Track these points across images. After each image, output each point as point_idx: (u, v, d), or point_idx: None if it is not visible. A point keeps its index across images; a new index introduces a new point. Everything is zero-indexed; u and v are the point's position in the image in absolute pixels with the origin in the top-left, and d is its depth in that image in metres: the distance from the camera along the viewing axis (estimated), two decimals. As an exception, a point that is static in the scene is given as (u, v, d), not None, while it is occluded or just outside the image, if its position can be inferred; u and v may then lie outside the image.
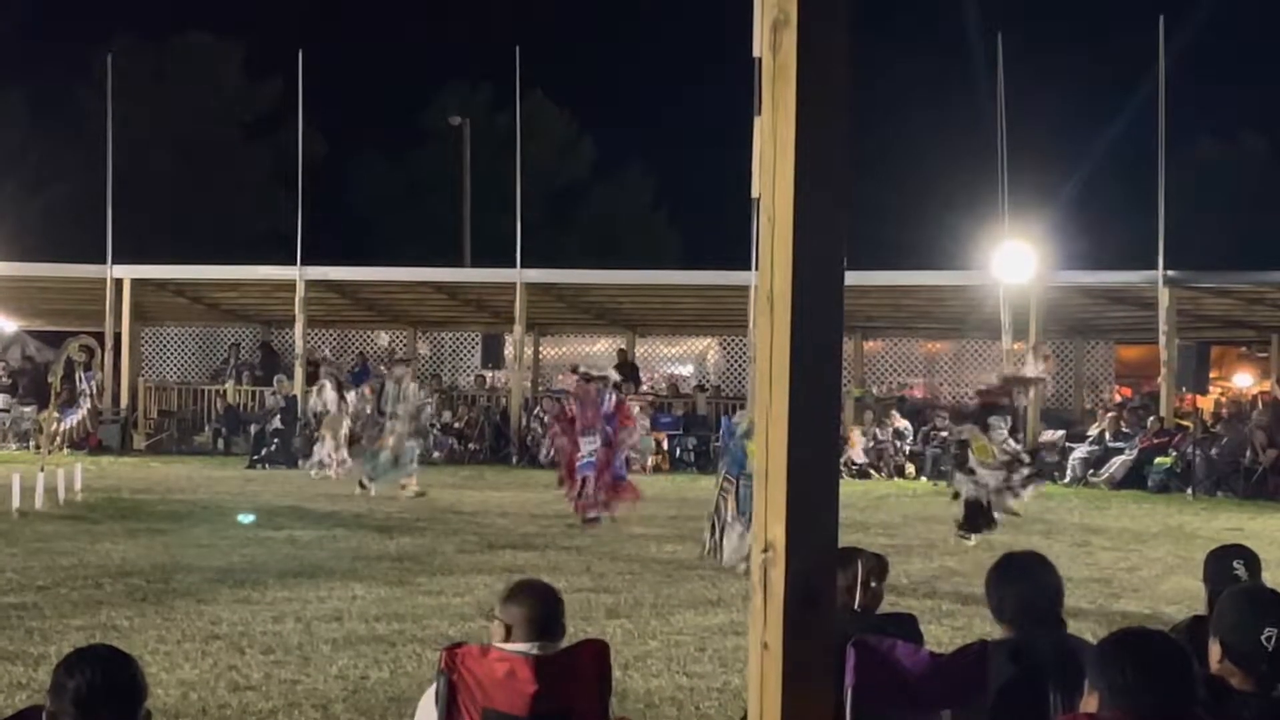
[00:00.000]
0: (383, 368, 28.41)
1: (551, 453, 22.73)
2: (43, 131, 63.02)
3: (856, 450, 33.13)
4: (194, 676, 11.14)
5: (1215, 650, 5.55)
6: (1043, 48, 57.40)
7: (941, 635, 12.58)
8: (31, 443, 34.63)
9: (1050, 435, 34.13)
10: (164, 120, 62.51)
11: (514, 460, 34.80)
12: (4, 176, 55.81)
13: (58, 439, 24.17)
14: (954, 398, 39.77)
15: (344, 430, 29.24)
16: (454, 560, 18.10)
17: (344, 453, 29.15)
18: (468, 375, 42.92)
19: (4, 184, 54.93)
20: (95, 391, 35.14)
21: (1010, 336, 34.42)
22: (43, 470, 22.90)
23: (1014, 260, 33.53)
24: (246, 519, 19.46)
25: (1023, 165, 37.09)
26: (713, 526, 18.44)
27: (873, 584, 7.46)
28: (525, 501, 21.91)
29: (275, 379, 38.15)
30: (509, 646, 6.26)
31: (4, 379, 38.34)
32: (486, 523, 22.03)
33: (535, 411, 36.13)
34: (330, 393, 29.82)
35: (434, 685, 6.30)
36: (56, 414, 25.23)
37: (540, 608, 6.44)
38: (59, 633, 12.56)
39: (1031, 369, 21.79)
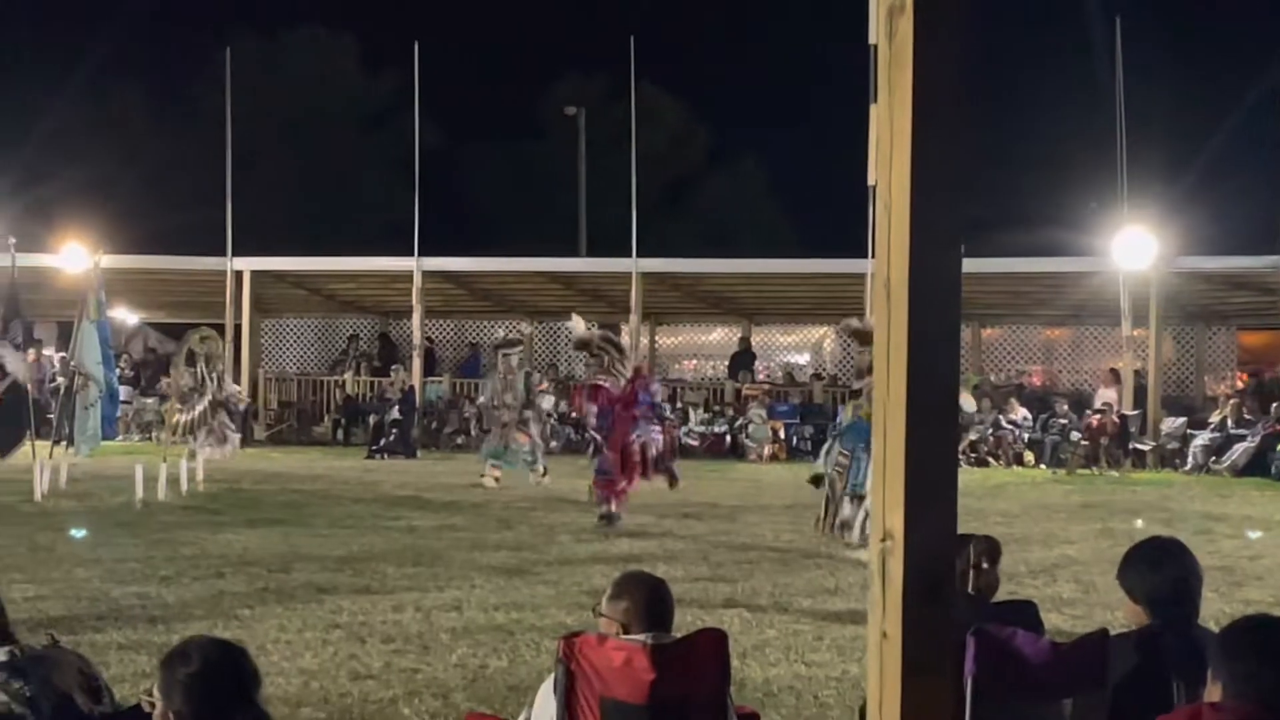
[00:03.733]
0: (500, 353, 28.41)
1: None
2: (162, 126, 63.73)
3: (967, 400, 32.32)
4: (315, 665, 11.22)
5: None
6: (1165, 28, 56.88)
7: (1061, 624, 12.47)
8: (154, 434, 34.99)
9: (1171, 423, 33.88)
10: (282, 114, 63.03)
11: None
12: (124, 170, 56.42)
13: (180, 430, 24.41)
14: (1073, 385, 39.50)
15: None
16: (571, 549, 18.16)
17: None
18: (584, 365, 43.03)
19: (124, 178, 55.53)
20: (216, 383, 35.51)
21: (1130, 323, 34.11)
22: (165, 461, 23.18)
23: (1134, 246, 33.21)
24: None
25: (1143, 149, 36.78)
26: (827, 501, 18.45)
27: (985, 565, 7.40)
28: (641, 491, 21.88)
29: (392, 369, 38.37)
30: (625, 636, 6.26)
31: (127, 371, 38.76)
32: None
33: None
34: None
35: (553, 674, 6.32)
36: (179, 405, 25.47)
37: (648, 597, 6.43)
38: (181, 622, 12.67)
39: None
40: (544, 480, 26.28)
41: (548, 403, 29.66)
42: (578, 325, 22.94)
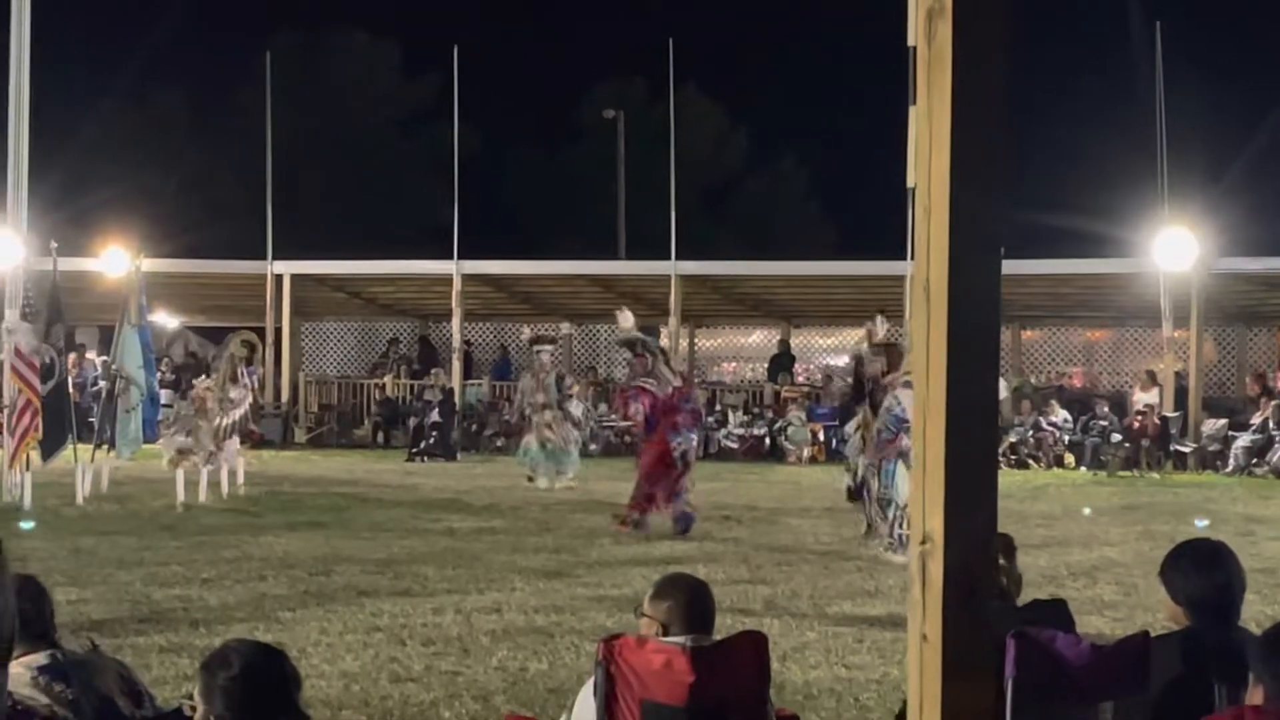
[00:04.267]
0: (533, 349, 28.45)
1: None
2: (203, 129, 63.94)
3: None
4: (356, 668, 11.24)
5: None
6: (1206, 27, 56.70)
7: (1103, 627, 12.45)
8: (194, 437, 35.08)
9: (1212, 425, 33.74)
10: (321, 117, 63.19)
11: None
12: (166, 174, 56.62)
13: (221, 433, 24.47)
14: (1113, 387, 39.37)
15: None
16: (611, 552, 18.16)
17: None
18: (623, 368, 43.01)
19: (166, 182, 55.73)
20: (257, 386, 35.63)
21: (1171, 324, 33.98)
22: (206, 465, 23.25)
23: (1175, 247, 33.10)
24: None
25: (1184, 150, 36.63)
26: (865, 503, 18.41)
27: (1002, 562, 7.36)
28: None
29: (431, 372, 38.45)
30: (665, 639, 6.26)
31: (168, 375, 38.92)
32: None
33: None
34: None
35: (593, 677, 6.32)
36: (221, 409, 25.55)
37: (690, 599, 6.44)
38: (223, 625, 12.72)
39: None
40: (571, 483, 26.31)
41: (577, 408, 29.43)
42: (627, 319, 22.69)
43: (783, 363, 41.09)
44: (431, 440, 33.97)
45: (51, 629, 6.27)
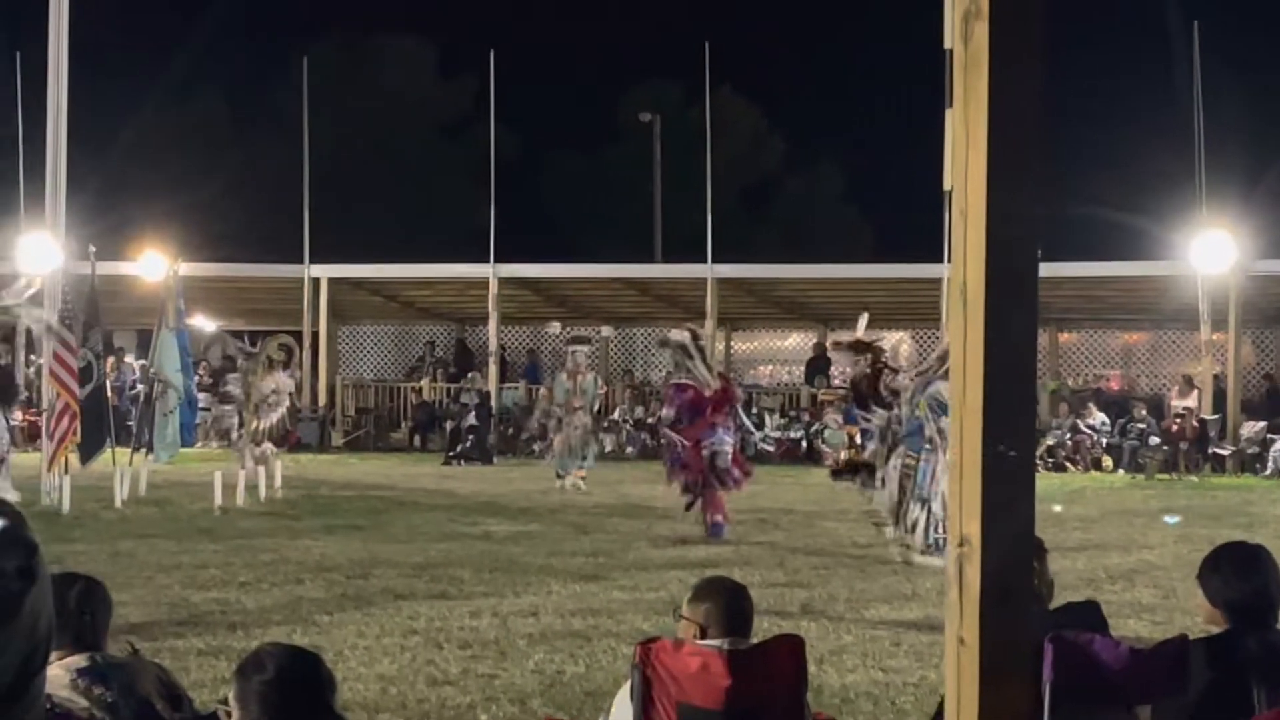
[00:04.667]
0: (569, 350, 28.44)
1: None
2: (241, 134, 64.12)
3: None
4: (393, 671, 11.26)
5: None
6: (1244, 29, 56.43)
7: (1141, 630, 12.40)
8: (232, 440, 35.15)
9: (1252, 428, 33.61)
10: (359, 121, 63.33)
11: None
12: (204, 178, 56.73)
13: (259, 436, 24.54)
14: (1151, 389, 39.21)
15: None
16: (648, 555, 18.15)
17: None
18: (660, 371, 42.99)
19: (204, 186, 55.83)
20: (294, 390, 35.68)
21: (1209, 327, 33.85)
22: (243, 468, 23.31)
23: (1213, 249, 32.96)
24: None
25: (1222, 151, 36.50)
26: (898, 505, 18.29)
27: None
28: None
29: (468, 376, 38.46)
30: (702, 641, 6.27)
31: (205, 378, 39.02)
32: (680, 518, 21.98)
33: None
34: None
35: (629, 680, 6.33)
36: (256, 412, 25.63)
37: (729, 601, 6.45)
38: (260, 628, 12.74)
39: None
40: (581, 484, 26.32)
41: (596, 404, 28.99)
42: (681, 334, 22.59)
43: (819, 366, 40.98)
44: (468, 444, 33.99)
45: (103, 639, 6.28)
